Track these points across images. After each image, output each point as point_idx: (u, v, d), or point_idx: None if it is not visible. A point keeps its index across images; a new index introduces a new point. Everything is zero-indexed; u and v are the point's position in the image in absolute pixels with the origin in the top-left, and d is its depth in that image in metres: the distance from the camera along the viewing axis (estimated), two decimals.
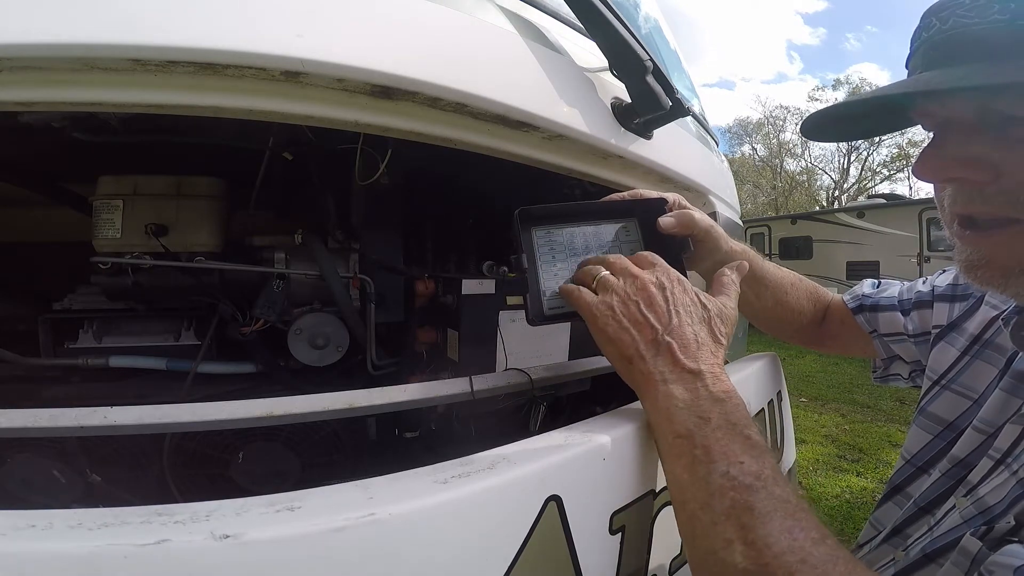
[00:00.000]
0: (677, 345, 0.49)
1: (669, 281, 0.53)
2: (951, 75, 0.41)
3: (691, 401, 0.46)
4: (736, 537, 0.39)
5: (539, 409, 0.92)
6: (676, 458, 0.46)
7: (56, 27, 0.35)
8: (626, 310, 0.51)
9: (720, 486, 0.41)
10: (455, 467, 0.43)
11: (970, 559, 0.43)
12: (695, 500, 0.43)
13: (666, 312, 0.51)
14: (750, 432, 0.44)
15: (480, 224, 1.10)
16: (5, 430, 0.41)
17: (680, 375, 0.48)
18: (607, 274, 0.54)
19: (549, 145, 0.63)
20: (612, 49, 0.60)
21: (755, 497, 0.39)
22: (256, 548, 0.31)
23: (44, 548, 0.28)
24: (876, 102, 0.47)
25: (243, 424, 0.49)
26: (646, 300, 0.51)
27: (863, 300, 0.79)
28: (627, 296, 0.52)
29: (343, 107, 0.47)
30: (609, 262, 0.55)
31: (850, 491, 3.07)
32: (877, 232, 8.66)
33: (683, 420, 0.46)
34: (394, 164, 0.79)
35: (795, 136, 28.04)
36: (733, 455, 0.42)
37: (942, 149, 0.44)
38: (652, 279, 0.53)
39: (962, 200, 0.45)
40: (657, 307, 0.51)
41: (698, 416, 0.45)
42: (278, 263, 0.84)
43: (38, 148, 0.82)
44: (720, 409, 0.45)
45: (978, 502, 0.49)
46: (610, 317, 0.52)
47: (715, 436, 0.44)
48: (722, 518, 0.40)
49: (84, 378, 0.85)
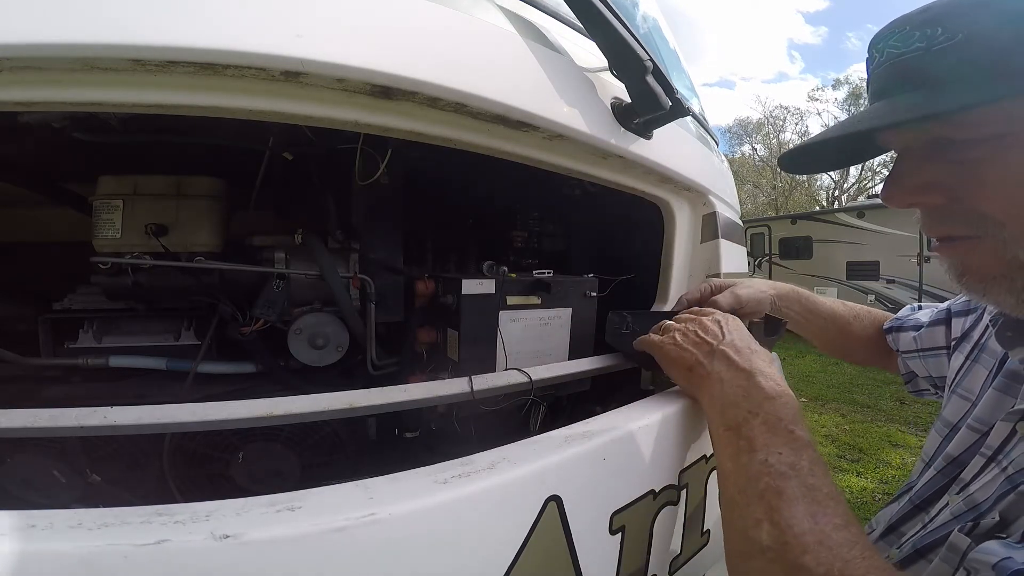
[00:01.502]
0: (731, 351, 0.56)
1: (723, 317, 0.64)
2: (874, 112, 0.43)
3: (742, 398, 0.51)
4: (764, 517, 0.42)
5: (539, 409, 0.92)
6: (724, 447, 0.51)
7: (56, 27, 0.35)
8: (685, 337, 0.62)
9: (757, 472, 0.45)
10: (455, 467, 0.43)
11: (959, 555, 0.44)
12: (735, 485, 0.47)
13: (720, 333, 0.60)
14: (794, 427, 0.48)
15: (480, 224, 1.10)
16: (5, 430, 0.41)
17: (735, 374, 0.54)
18: (669, 322, 0.68)
19: (549, 145, 0.63)
20: (612, 49, 0.60)
21: (787, 484, 0.43)
22: (256, 548, 0.31)
23: (44, 548, 0.28)
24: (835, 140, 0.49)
25: (243, 424, 0.48)
26: (702, 328, 0.61)
27: (894, 322, 0.87)
28: (686, 329, 0.63)
29: (343, 107, 0.47)
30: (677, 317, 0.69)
31: (850, 491, 3.07)
32: (877, 232, 8.65)
33: (733, 415, 0.51)
34: (394, 164, 0.79)
35: (795, 136, 28.03)
36: (774, 446, 0.46)
37: (899, 177, 0.47)
38: (708, 318, 0.64)
39: (926, 222, 0.48)
40: (711, 331, 0.61)
41: (747, 411, 0.50)
42: (278, 263, 0.84)
43: (38, 148, 0.82)
44: (770, 406, 0.49)
45: (968, 499, 0.50)
46: (671, 344, 0.62)
47: (760, 429, 0.48)
48: (755, 500, 0.44)
49: (84, 378, 0.85)
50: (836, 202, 25.40)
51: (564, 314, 0.85)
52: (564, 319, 0.86)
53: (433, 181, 0.94)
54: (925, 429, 4.03)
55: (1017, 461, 0.46)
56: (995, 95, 0.37)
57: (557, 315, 0.85)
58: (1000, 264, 0.43)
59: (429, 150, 0.59)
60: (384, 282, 0.87)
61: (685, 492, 0.64)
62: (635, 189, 0.82)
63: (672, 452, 0.62)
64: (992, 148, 0.40)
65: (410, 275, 0.88)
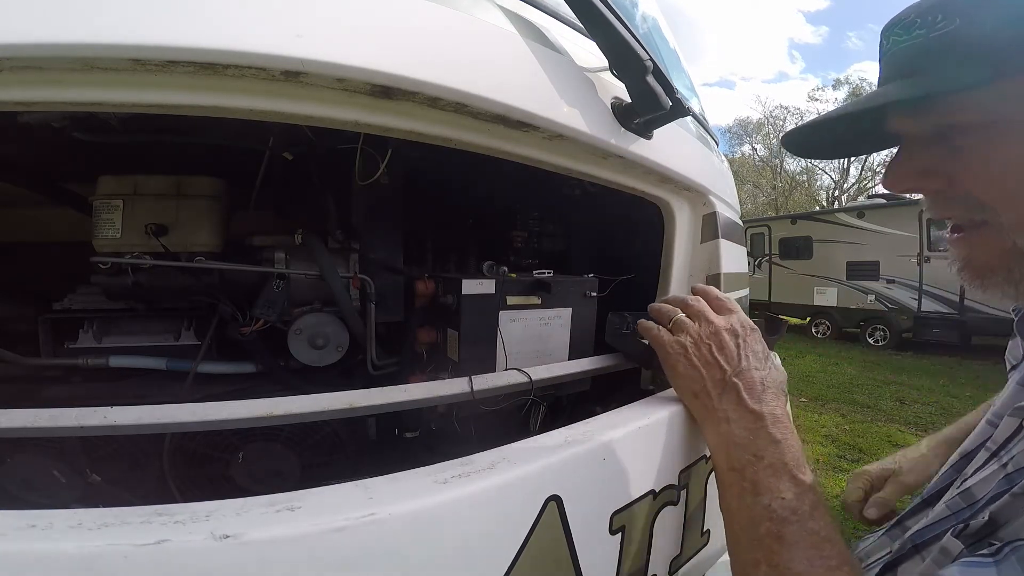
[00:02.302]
0: (743, 386, 0.53)
1: (743, 328, 0.58)
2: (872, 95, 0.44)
3: (748, 440, 0.51)
4: (763, 560, 0.44)
5: (539, 409, 0.92)
6: (728, 487, 0.51)
7: (56, 27, 0.35)
8: (698, 351, 0.56)
9: (759, 516, 0.46)
10: (455, 467, 0.43)
11: (951, 559, 0.43)
12: (739, 523, 0.48)
13: (736, 356, 0.55)
14: (798, 471, 0.48)
15: (480, 224, 1.10)
16: (5, 430, 0.41)
17: (742, 415, 0.52)
18: (683, 316, 0.59)
19: (549, 145, 0.63)
20: (612, 49, 0.60)
21: (787, 528, 0.45)
22: (256, 548, 0.31)
23: (44, 548, 0.28)
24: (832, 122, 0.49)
25: (243, 424, 0.48)
26: (718, 343, 0.56)
27: None
28: (700, 338, 0.57)
29: (343, 107, 0.47)
30: (687, 304, 0.61)
31: None
32: (877, 232, 8.66)
33: (738, 456, 0.50)
34: (394, 164, 0.79)
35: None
36: (777, 491, 0.47)
37: (901, 162, 0.47)
38: (726, 325, 0.57)
39: (929, 207, 0.48)
40: (728, 351, 0.55)
41: (752, 454, 0.50)
42: (278, 263, 0.84)
43: (38, 148, 0.82)
44: (775, 449, 0.49)
45: (965, 493, 0.49)
46: (682, 356, 0.56)
47: (765, 473, 0.48)
48: (755, 543, 0.46)
49: (84, 378, 0.85)
50: (836, 202, 25.40)
51: (564, 314, 0.85)
52: (564, 319, 0.86)
53: (433, 181, 0.94)
54: (925, 429, 4.03)
55: (1018, 459, 0.45)
56: (984, 78, 0.38)
57: (557, 315, 0.85)
58: (1000, 254, 0.43)
59: (429, 150, 0.59)
60: (384, 282, 0.87)
61: (685, 492, 0.64)
62: (635, 189, 0.82)
63: (672, 452, 0.62)
64: (983, 134, 0.41)
65: (410, 275, 0.88)
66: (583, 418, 0.58)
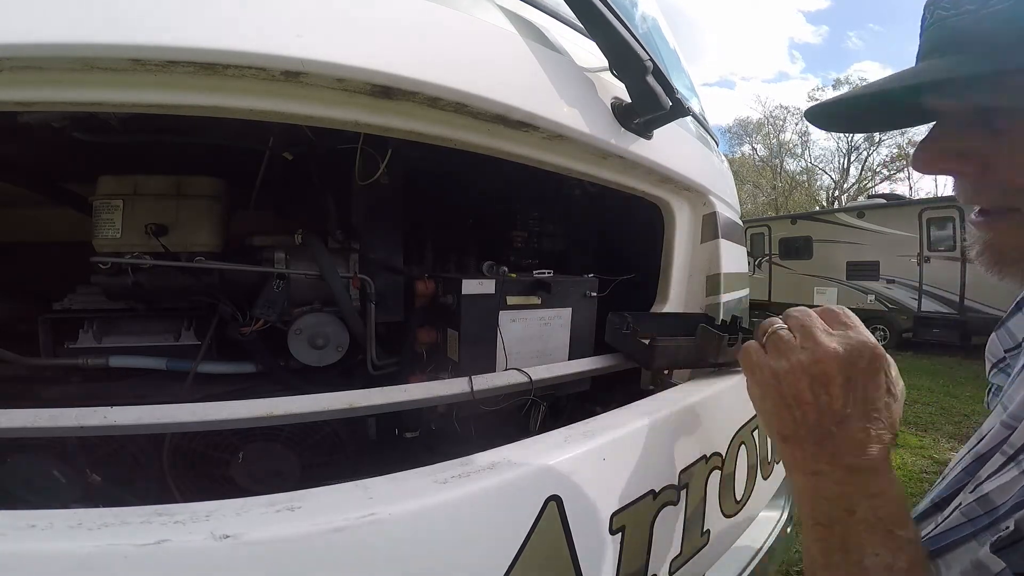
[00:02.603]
0: (843, 439, 0.44)
1: (861, 357, 0.45)
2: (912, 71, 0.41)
3: (839, 495, 0.44)
4: None
5: (539, 409, 0.92)
6: (813, 539, 0.45)
7: (56, 27, 0.35)
8: (794, 385, 0.45)
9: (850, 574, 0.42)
10: (455, 467, 0.43)
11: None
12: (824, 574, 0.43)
13: (842, 399, 0.44)
14: (895, 527, 0.42)
15: (480, 224, 1.10)
16: (5, 430, 0.41)
17: (835, 471, 0.44)
18: (781, 328, 0.47)
19: (549, 145, 0.63)
20: (612, 49, 0.60)
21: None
22: (256, 548, 0.31)
23: (44, 548, 0.28)
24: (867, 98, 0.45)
25: (243, 424, 0.49)
26: (822, 378, 0.44)
27: None
28: (799, 367, 0.45)
29: (343, 107, 0.47)
30: (790, 315, 0.49)
31: None
32: (877, 232, 8.65)
33: (826, 511, 0.44)
34: (394, 164, 0.79)
35: (795, 136, 28.03)
36: (870, 548, 0.42)
37: (935, 142, 0.44)
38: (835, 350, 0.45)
39: (961, 192, 0.45)
40: (833, 391, 0.44)
41: (844, 509, 0.43)
42: (278, 263, 0.84)
43: (38, 148, 0.82)
44: (869, 504, 0.43)
45: (982, 499, 0.47)
46: (773, 387, 0.46)
47: (856, 529, 0.43)
48: None
49: (84, 378, 0.85)
50: (836, 202, 25.40)
51: (564, 314, 0.85)
52: (564, 319, 0.86)
53: (433, 181, 0.94)
54: (925, 429, 4.03)
55: None
56: None
57: (557, 315, 0.85)
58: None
59: (429, 150, 0.59)
60: (384, 282, 0.87)
61: (685, 492, 0.64)
62: (635, 189, 0.82)
63: (672, 452, 0.62)
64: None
65: (410, 275, 0.88)
66: (583, 418, 0.58)
